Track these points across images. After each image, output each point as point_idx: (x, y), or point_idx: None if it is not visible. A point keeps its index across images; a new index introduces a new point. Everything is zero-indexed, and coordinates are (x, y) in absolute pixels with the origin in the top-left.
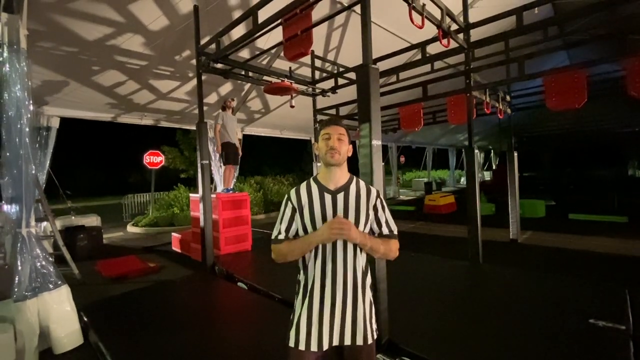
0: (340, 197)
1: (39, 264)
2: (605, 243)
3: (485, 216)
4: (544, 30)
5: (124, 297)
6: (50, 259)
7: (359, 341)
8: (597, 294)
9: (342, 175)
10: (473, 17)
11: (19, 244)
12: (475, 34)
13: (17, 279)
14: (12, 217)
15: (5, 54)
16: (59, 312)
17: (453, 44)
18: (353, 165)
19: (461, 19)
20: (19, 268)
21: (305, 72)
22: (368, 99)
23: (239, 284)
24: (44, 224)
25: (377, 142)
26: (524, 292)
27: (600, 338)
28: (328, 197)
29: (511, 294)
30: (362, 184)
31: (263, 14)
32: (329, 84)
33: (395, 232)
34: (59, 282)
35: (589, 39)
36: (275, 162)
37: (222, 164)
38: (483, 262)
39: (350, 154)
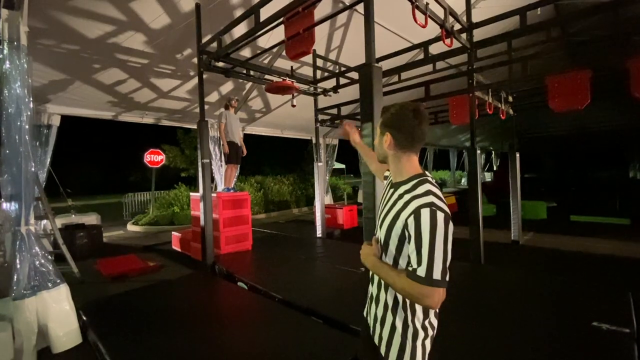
0: (390, 192)
1: (38, 262)
2: (608, 245)
3: (487, 217)
4: (547, 31)
5: (124, 296)
6: (50, 257)
7: (376, 340)
8: (600, 297)
9: (397, 169)
10: (476, 17)
11: (18, 242)
12: (478, 34)
13: (16, 277)
14: (12, 215)
15: (6, 51)
16: (57, 311)
17: (456, 44)
18: (355, 165)
19: (464, 18)
20: (18, 266)
21: (307, 71)
22: (371, 98)
23: (239, 283)
24: (44, 222)
25: None
26: (526, 294)
27: (604, 341)
28: (388, 188)
29: (513, 296)
30: (417, 190)
31: (265, 12)
32: (330, 83)
33: (422, 275)
34: (58, 281)
35: (592, 40)
36: (276, 161)
37: (222, 163)
38: (484, 263)
39: (386, 145)
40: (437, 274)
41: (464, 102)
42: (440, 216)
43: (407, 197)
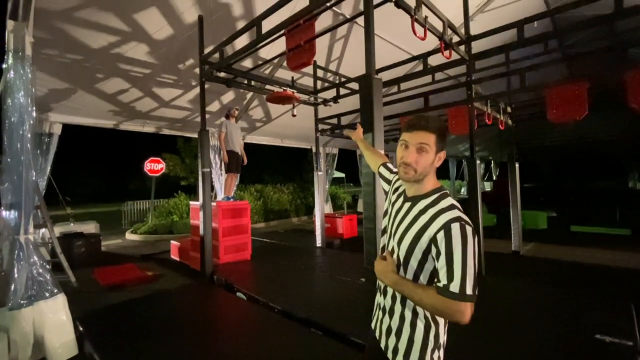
0: (406, 206)
1: (35, 271)
2: (609, 256)
3: (487, 227)
4: (545, 43)
5: (121, 306)
6: (48, 266)
7: (390, 354)
8: (603, 308)
9: (421, 185)
10: (474, 30)
11: (16, 251)
12: (477, 46)
13: (13, 286)
14: (11, 224)
15: (11, 61)
16: (54, 322)
17: (454, 56)
18: (355, 174)
19: (462, 31)
20: (16, 276)
21: (307, 81)
22: (371, 109)
23: (238, 294)
24: (43, 230)
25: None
26: (528, 306)
27: (608, 354)
28: (400, 201)
29: (515, 307)
30: (441, 204)
31: (266, 25)
32: (330, 93)
33: (455, 290)
34: (55, 291)
35: (588, 52)
36: (276, 170)
37: (222, 172)
38: (485, 274)
39: (440, 163)
40: (469, 289)
41: (463, 113)
42: (469, 230)
43: (431, 211)
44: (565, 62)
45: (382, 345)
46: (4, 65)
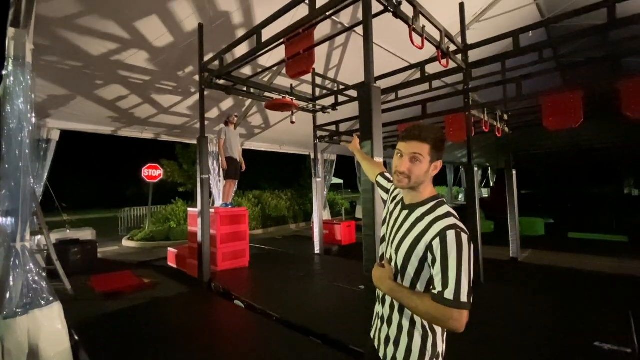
0: (404, 214)
1: (31, 279)
2: (606, 263)
3: (484, 234)
4: (540, 52)
5: (117, 314)
6: (43, 274)
7: None
8: (601, 315)
9: (418, 193)
10: (471, 39)
11: (12, 259)
12: (473, 55)
13: (8, 294)
14: (7, 231)
15: (11, 67)
16: (49, 330)
17: (451, 64)
18: (353, 180)
19: (459, 39)
20: (11, 284)
21: (306, 89)
22: (370, 116)
23: (236, 301)
24: (38, 237)
25: (379, 159)
26: (527, 313)
27: None
28: (397, 209)
29: (514, 314)
30: (437, 212)
31: (267, 33)
32: (329, 100)
33: (449, 297)
34: (51, 299)
35: (583, 61)
36: (274, 176)
37: (221, 178)
38: (483, 280)
39: (436, 172)
40: (464, 296)
41: (460, 120)
42: (464, 237)
43: (427, 219)
44: (560, 71)
45: (381, 354)
46: (3, 72)
